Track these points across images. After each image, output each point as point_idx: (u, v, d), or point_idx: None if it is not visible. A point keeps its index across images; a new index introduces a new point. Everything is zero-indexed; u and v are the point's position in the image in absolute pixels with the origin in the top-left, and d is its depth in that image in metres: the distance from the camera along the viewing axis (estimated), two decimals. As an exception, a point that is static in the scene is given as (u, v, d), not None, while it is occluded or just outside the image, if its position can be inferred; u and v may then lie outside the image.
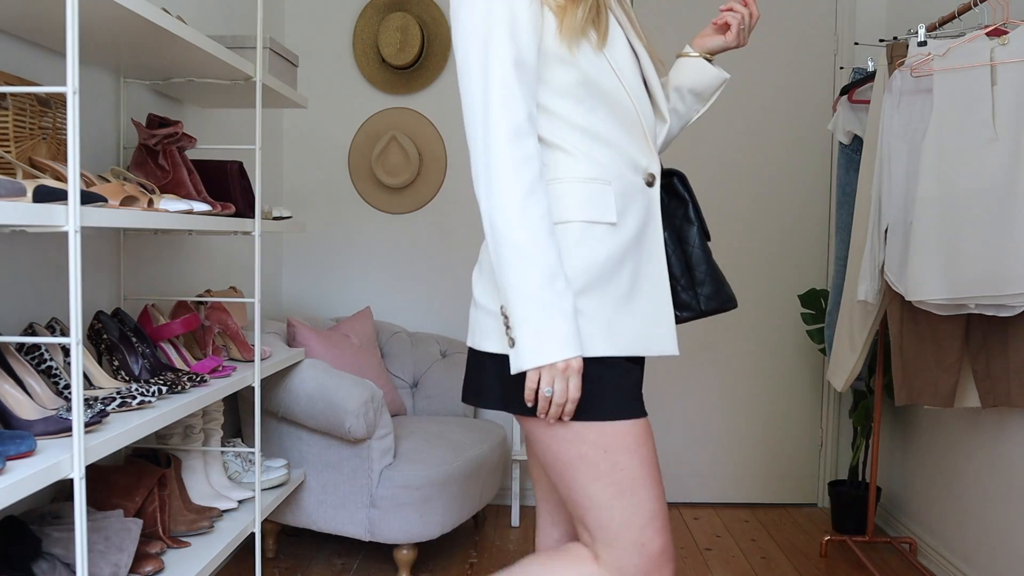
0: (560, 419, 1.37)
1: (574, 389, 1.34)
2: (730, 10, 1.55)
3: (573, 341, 1.33)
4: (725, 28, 1.56)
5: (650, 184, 1.47)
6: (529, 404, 1.37)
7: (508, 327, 1.35)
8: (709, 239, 1.57)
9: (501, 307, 1.36)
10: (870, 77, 2.89)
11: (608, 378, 1.40)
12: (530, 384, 1.35)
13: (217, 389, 1.99)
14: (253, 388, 2.25)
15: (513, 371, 1.36)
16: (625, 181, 1.43)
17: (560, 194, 1.39)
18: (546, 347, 1.32)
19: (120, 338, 1.97)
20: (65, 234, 1.33)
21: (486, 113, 1.33)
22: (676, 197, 1.55)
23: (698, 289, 1.54)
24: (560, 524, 1.66)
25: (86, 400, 1.62)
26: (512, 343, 1.34)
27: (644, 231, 1.45)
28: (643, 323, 1.43)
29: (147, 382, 1.83)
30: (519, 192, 1.31)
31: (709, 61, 1.58)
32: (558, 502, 1.63)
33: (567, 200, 1.39)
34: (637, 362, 1.49)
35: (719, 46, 1.58)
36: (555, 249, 1.33)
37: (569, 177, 1.40)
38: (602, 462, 1.40)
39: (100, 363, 1.96)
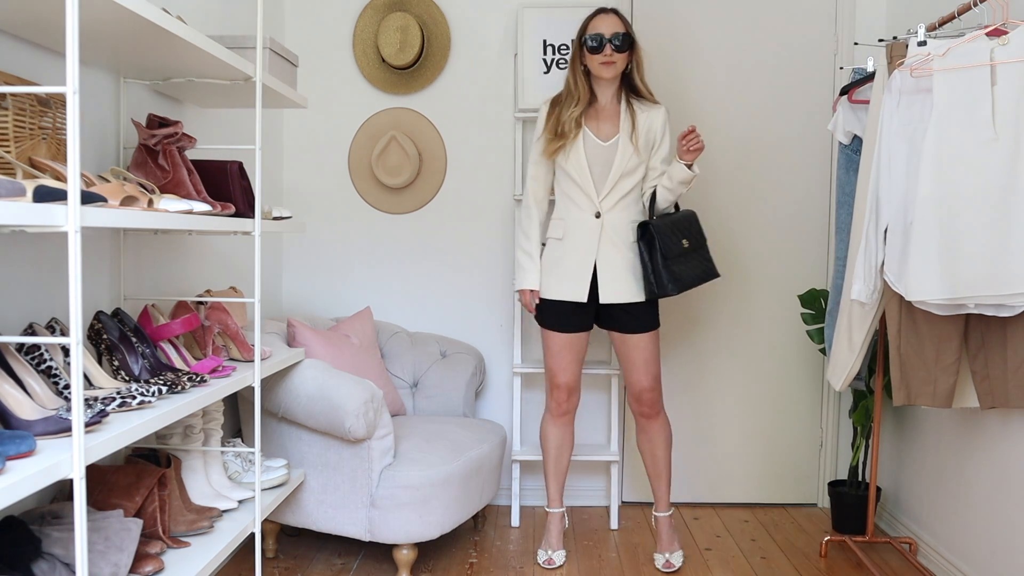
0: None
1: None
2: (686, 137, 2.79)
3: None
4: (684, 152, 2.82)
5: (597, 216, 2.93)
6: None
7: None
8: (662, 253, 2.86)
9: None
10: (870, 77, 2.88)
11: None
12: None
13: (217, 389, 1.99)
14: (253, 388, 2.25)
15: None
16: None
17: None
18: None
19: (120, 338, 1.97)
20: (65, 234, 1.33)
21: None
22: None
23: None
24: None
25: (86, 400, 1.62)
26: None
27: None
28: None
29: (147, 382, 1.83)
30: None
31: (688, 167, 2.84)
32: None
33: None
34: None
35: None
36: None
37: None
38: None
39: (100, 363, 1.96)
